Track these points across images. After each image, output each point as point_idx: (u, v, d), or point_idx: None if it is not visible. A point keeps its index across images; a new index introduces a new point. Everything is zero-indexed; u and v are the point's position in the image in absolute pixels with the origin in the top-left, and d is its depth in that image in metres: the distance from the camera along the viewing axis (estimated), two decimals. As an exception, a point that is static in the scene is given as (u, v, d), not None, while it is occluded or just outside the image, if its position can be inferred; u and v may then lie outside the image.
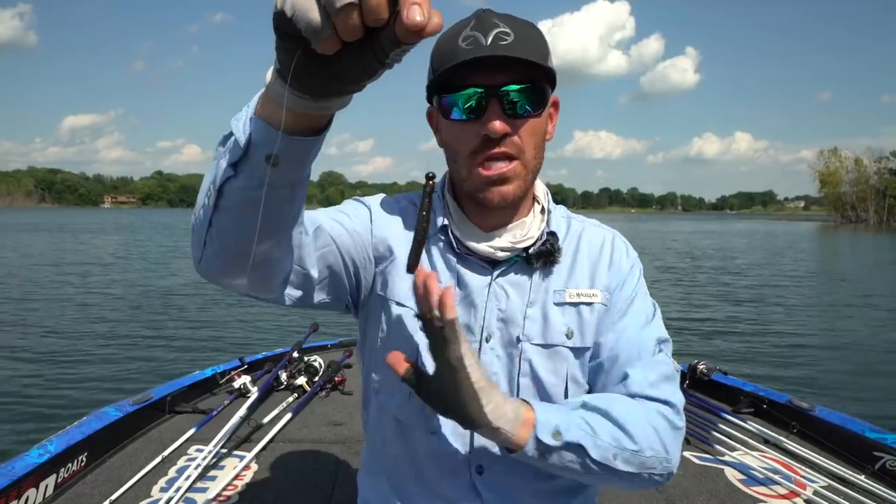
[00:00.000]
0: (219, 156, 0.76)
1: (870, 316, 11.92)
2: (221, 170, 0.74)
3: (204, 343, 8.67)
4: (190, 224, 0.83)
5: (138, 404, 2.74)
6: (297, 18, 0.54)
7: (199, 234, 0.81)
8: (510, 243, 1.07)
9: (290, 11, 0.55)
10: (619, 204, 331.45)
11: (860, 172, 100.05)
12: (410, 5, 0.51)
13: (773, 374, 7.42)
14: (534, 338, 1.07)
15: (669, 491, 2.31)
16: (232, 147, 0.72)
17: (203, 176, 0.81)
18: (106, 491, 2.20)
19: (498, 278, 1.08)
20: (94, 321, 10.08)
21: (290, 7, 0.55)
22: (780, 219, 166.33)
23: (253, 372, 3.50)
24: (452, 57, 0.95)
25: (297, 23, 0.55)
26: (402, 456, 1.10)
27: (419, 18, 0.51)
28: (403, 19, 0.51)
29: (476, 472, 1.07)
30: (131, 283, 15.25)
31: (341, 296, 1.08)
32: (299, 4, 0.54)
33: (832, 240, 48.44)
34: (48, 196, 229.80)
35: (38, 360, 7.50)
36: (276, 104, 0.66)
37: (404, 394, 1.06)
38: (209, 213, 0.77)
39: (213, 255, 0.82)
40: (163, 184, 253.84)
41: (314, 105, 0.66)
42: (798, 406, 2.86)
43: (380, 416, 1.13)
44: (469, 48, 0.94)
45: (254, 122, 0.70)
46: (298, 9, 0.54)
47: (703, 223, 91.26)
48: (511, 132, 0.98)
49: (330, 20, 0.53)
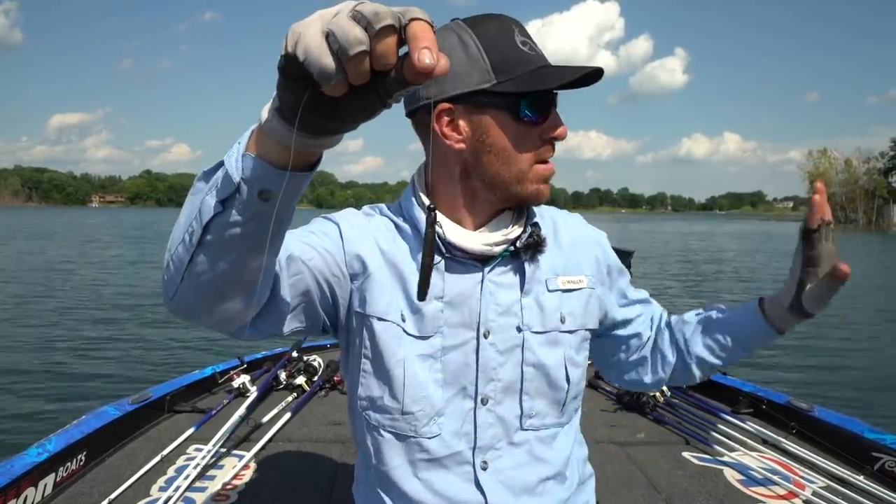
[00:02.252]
0: (200, 191, 0.75)
1: (869, 316, 12.03)
2: (209, 206, 0.73)
3: (203, 342, 8.65)
4: (164, 262, 0.82)
5: (137, 403, 2.73)
6: (309, 63, 0.56)
7: (177, 270, 0.79)
8: (503, 237, 1.09)
9: (302, 56, 0.56)
10: (609, 204, 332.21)
11: (850, 173, 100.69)
12: (421, 49, 0.54)
13: (773, 374, 7.47)
14: (534, 326, 1.11)
15: (668, 491, 2.32)
16: (222, 184, 0.72)
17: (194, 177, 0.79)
18: (105, 490, 2.18)
19: (489, 274, 1.10)
20: (94, 320, 10.06)
21: (302, 52, 0.56)
22: (770, 219, 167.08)
23: (252, 371, 3.49)
24: (527, 61, 1.02)
25: (310, 67, 0.56)
26: (400, 466, 1.10)
27: (429, 62, 0.53)
28: (415, 62, 0.53)
29: (481, 468, 1.08)
30: (131, 283, 15.21)
31: (314, 322, 1.07)
32: (312, 50, 0.56)
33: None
34: (35, 195, 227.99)
35: (37, 360, 7.48)
36: (272, 142, 0.67)
37: (395, 409, 1.07)
38: (191, 249, 0.76)
39: (192, 291, 0.80)
40: (151, 183, 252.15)
41: (311, 143, 0.66)
42: (797, 406, 2.87)
43: (371, 433, 1.12)
44: (532, 53, 1.03)
45: (248, 160, 0.69)
46: (311, 54, 0.56)
47: (694, 224, 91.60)
48: None
49: (342, 65, 0.55)
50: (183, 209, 0.79)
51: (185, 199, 0.80)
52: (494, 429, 1.09)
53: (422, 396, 1.07)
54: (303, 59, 0.56)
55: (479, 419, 1.08)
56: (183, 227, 0.77)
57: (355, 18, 0.55)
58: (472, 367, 1.08)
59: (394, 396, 1.07)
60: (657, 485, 2.36)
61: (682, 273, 19.84)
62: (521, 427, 1.10)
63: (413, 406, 1.07)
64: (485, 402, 1.09)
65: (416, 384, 1.07)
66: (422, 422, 1.08)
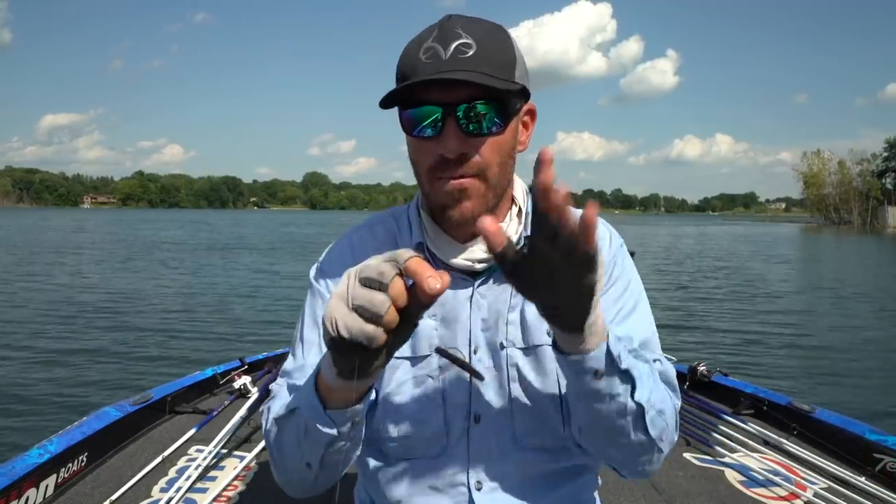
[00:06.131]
0: (302, 443, 0.89)
1: (869, 317, 12.06)
2: (319, 452, 0.89)
3: (204, 343, 8.63)
4: (285, 479, 1.01)
5: (138, 404, 2.72)
6: (354, 336, 0.68)
7: (304, 486, 0.98)
8: (486, 253, 1.03)
9: (347, 335, 0.68)
10: (603, 205, 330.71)
11: (843, 174, 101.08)
12: (427, 279, 0.66)
13: (774, 375, 7.48)
14: (517, 341, 1.05)
15: (670, 492, 2.32)
16: (323, 438, 0.86)
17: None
18: (106, 491, 2.18)
19: (479, 288, 1.06)
20: (95, 321, 9.98)
21: (345, 331, 0.68)
22: (764, 220, 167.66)
23: (253, 372, 3.48)
24: (412, 71, 0.93)
25: (357, 339, 0.68)
26: (396, 486, 1.08)
27: (438, 286, 0.66)
28: (427, 291, 0.66)
29: (475, 488, 1.05)
30: (131, 283, 15.16)
31: None
32: (353, 327, 0.68)
33: (821, 242, 48.84)
34: (26, 196, 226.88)
35: (38, 360, 7.43)
36: (342, 395, 0.82)
37: (392, 434, 1.06)
38: (315, 473, 0.93)
39: (322, 484, 0.97)
40: (144, 184, 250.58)
41: (366, 383, 0.80)
42: (798, 408, 2.88)
43: (368, 452, 1.11)
44: (428, 62, 0.92)
45: (333, 415, 0.84)
46: (353, 330, 0.68)
47: (688, 226, 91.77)
48: (470, 152, 0.94)
49: (379, 324, 0.68)
50: (288, 457, 0.95)
51: (177, 200, 0.84)
52: (488, 447, 1.05)
53: (416, 420, 1.05)
54: (349, 336, 0.68)
55: (473, 438, 1.05)
56: (297, 463, 0.93)
57: (367, 285, 0.68)
58: (466, 384, 1.05)
59: (389, 422, 1.06)
60: (658, 486, 2.36)
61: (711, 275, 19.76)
62: (516, 445, 1.06)
63: (409, 429, 1.05)
64: (478, 421, 1.05)
65: (412, 409, 1.05)
66: (418, 444, 1.06)
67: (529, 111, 1.05)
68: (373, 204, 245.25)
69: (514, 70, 0.96)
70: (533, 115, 1.06)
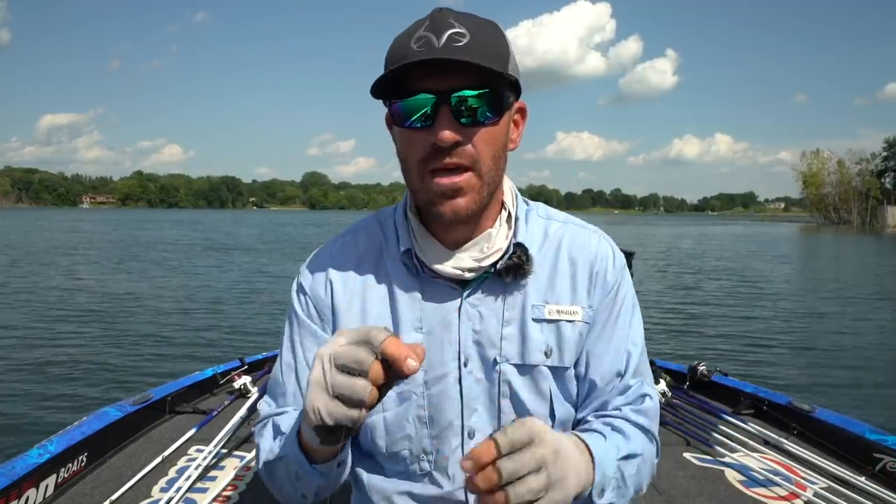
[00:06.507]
0: (294, 483, 0.93)
1: (869, 317, 12.06)
2: (312, 489, 0.93)
3: (204, 343, 8.63)
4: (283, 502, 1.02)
5: (138, 404, 2.72)
6: (340, 421, 0.72)
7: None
8: (475, 262, 1.01)
9: (331, 421, 0.72)
10: (602, 205, 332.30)
11: (843, 174, 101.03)
12: (405, 360, 0.70)
13: (774, 375, 7.48)
14: (512, 358, 1.02)
15: (670, 492, 2.32)
16: (314, 480, 0.90)
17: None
18: (106, 491, 2.18)
19: (469, 297, 1.03)
20: (95, 321, 9.98)
21: (329, 418, 0.72)
22: (763, 220, 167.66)
23: (253, 372, 3.48)
24: (403, 60, 0.89)
25: (342, 422, 0.73)
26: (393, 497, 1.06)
27: (415, 364, 0.70)
28: (406, 372, 0.70)
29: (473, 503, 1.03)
30: (131, 283, 15.14)
31: None
32: (337, 413, 0.72)
33: (821, 242, 48.76)
34: (25, 196, 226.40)
35: (39, 360, 7.43)
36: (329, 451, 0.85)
37: (379, 452, 1.05)
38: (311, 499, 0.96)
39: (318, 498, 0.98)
40: (143, 184, 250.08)
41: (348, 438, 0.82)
42: (798, 407, 2.88)
43: (359, 466, 1.09)
44: (420, 50, 0.88)
45: (320, 468, 0.88)
46: (338, 416, 0.72)
47: (688, 226, 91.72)
48: (463, 141, 0.92)
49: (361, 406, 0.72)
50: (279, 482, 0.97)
51: (176, 200, 0.83)
52: None
53: (402, 437, 1.03)
54: (333, 423, 0.72)
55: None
56: (291, 493, 0.96)
57: (346, 371, 0.71)
58: (457, 399, 1.02)
59: (375, 440, 1.04)
60: (658, 486, 2.36)
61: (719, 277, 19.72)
62: None
63: (395, 447, 1.04)
64: (472, 436, 1.02)
65: (397, 425, 1.03)
66: (408, 462, 1.04)
67: (520, 109, 1.04)
68: (372, 204, 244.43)
69: (507, 63, 0.94)
70: (524, 114, 1.05)
